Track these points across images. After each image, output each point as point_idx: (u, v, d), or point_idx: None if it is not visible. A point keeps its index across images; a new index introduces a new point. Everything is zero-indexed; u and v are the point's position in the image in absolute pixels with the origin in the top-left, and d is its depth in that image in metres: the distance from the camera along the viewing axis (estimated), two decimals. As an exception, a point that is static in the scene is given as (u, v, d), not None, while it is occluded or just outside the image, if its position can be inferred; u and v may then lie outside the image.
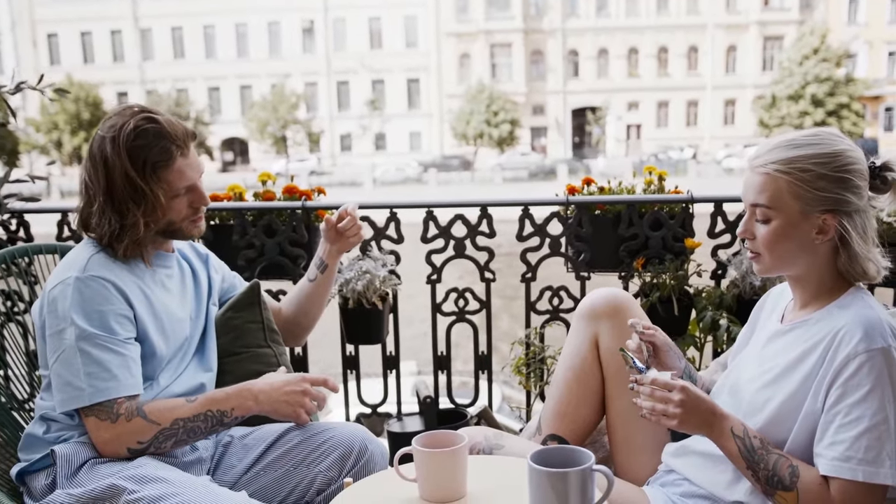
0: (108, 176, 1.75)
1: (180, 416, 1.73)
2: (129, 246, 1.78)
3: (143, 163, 1.75)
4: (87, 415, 1.68)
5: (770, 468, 1.48)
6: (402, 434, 2.75)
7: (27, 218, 3.04)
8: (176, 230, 1.87)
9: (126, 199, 1.75)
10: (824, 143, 1.52)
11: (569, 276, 2.94)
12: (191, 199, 1.86)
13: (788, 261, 1.57)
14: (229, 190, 2.98)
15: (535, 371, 2.86)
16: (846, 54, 40.90)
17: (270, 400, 1.80)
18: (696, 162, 39.55)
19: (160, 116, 1.79)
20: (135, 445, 1.69)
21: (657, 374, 1.56)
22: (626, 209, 2.83)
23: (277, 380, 1.84)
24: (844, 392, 1.43)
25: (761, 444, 1.50)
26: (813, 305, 1.59)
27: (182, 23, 47.61)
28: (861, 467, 1.40)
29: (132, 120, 1.76)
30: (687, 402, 1.50)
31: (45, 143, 39.92)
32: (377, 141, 48.70)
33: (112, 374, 1.68)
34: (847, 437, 1.42)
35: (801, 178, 1.50)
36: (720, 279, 2.84)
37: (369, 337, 2.84)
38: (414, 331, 5.09)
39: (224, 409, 1.77)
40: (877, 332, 1.44)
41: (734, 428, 1.52)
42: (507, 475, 1.60)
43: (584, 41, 47.58)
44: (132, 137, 1.74)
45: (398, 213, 2.90)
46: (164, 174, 1.78)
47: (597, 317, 1.93)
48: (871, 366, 1.41)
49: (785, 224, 1.53)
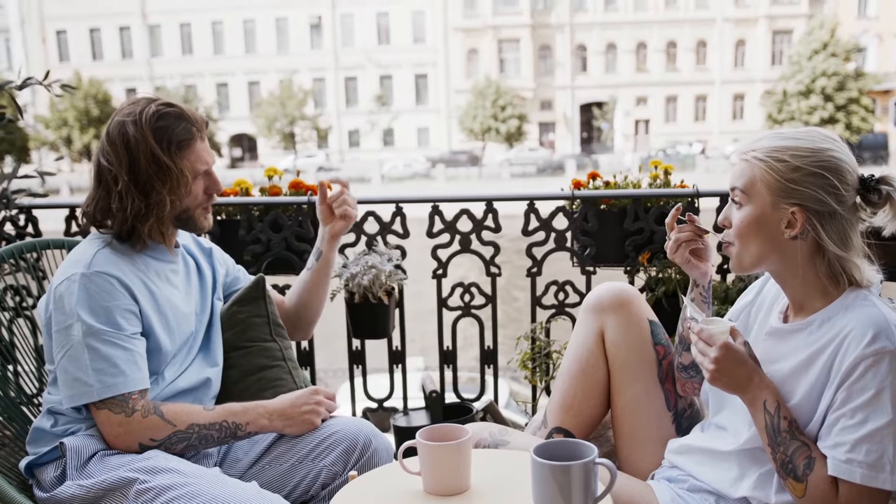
0: (132, 156, 1.77)
1: (197, 422, 1.76)
2: (153, 225, 1.81)
3: (168, 141, 1.79)
4: (98, 408, 1.70)
5: (788, 454, 1.47)
6: (407, 428, 2.75)
7: (36, 213, 3.06)
8: (189, 218, 1.90)
9: (151, 178, 1.78)
10: (810, 139, 1.51)
11: (574, 271, 2.94)
12: (207, 183, 1.90)
13: (759, 255, 1.57)
14: (236, 185, 2.99)
15: (540, 366, 2.86)
16: (856, 48, 40.63)
17: (284, 417, 1.86)
18: (704, 157, 39.43)
19: (177, 103, 1.86)
20: (147, 442, 1.72)
21: (707, 326, 1.55)
22: (632, 204, 2.83)
23: (289, 398, 1.89)
24: (850, 394, 1.42)
25: (788, 427, 1.48)
26: (810, 307, 1.57)
27: (190, 19, 47.68)
28: (860, 470, 1.40)
29: (152, 105, 1.81)
30: (722, 361, 1.50)
31: (55, 139, 40.04)
32: (385, 136, 48.70)
33: (119, 370, 1.70)
34: (849, 440, 1.41)
35: (775, 167, 1.50)
36: (726, 273, 2.84)
37: (375, 332, 2.84)
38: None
39: (240, 422, 1.81)
40: (884, 334, 1.42)
41: (767, 402, 1.50)
42: (511, 468, 1.60)
43: (591, 36, 47.45)
44: (155, 119, 1.79)
45: (404, 207, 2.90)
46: (187, 153, 1.83)
47: (603, 310, 1.93)
48: (878, 369, 1.40)
49: (756, 212, 1.54)
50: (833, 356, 1.47)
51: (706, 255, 1.84)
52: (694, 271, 1.84)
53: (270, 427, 1.85)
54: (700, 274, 1.84)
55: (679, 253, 1.82)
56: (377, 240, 2.89)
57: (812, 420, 1.49)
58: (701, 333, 1.53)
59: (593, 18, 47.29)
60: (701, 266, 1.84)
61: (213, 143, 41.69)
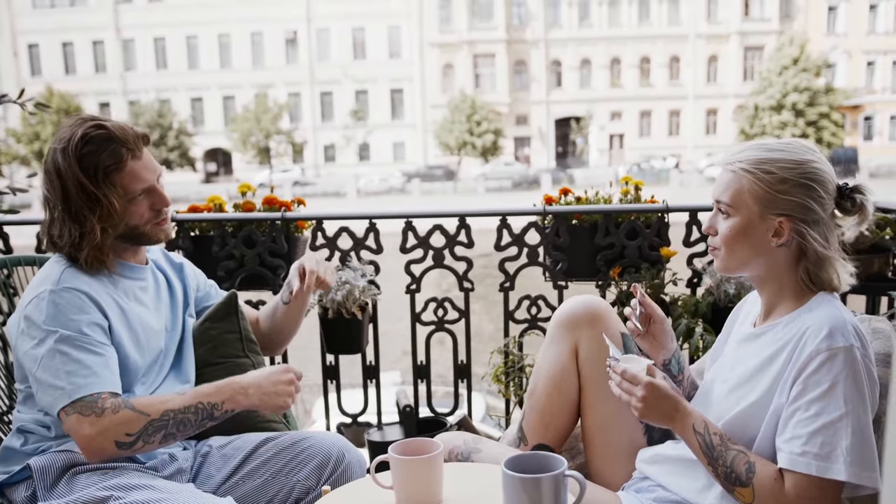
0: (63, 185, 1.76)
1: (170, 408, 1.70)
2: (89, 254, 1.78)
3: (95, 169, 1.76)
4: (68, 414, 1.65)
5: (728, 464, 1.52)
6: (381, 443, 2.76)
7: (6, 230, 3.04)
8: (140, 234, 1.87)
9: (81, 207, 1.76)
10: (794, 151, 1.57)
11: (546, 286, 2.97)
12: (150, 201, 1.86)
13: (745, 260, 1.62)
14: (209, 201, 2.99)
15: (514, 380, 2.88)
16: (825, 64, 41.30)
17: (260, 392, 1.79)
18: (678, 171, 39.76)
19: (109, 122, 1.81)
20: (123, 438, 1.65)
21: (628, 365, 1.61)
22: (603, 219, 2.87)
23: (262, 373, 1.83)
24: (805, 388, 1.47)
25: (720, 441, 1.54)
26: (780, 310, 1.63)
27: (164, 33, 47.43)
28: (815, 462, 1.43)
29: (80, 129, 1.78)
30: (649, 398, 1.57)
31: (27, 153, 39.60)
32: (361, 151, 48.65)
33: (92, 371, 1.67)
34: (804, 433, 1.45)
35: (763, 179, 1.55)
36: (696, 287, 2.88)
37: (349, 347, 2.85)
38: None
39: (215, 401, 1.75)
40: (839, 332, 1.47)
41: (695, 424, 1.57)
42: (483, 482, 1.61)
43: (566, 51, 47.79)
44: (81, 145, 1.76)
45: (377, 223, 2.92)
46: (117, 178, 1.79)
47: (576, 326, 1.94)
48: (832, 363, 1.45)
49: (743, 222, 1.59)
50: (792, 352, 1.52)
51: (661, 338, 1.85)
52: (658, 351, 1.86)
53: (247, 403, 1.78)
54: (665, 350, 1.85)
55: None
56: (350, 255, 2.90)
57: (768, 413, 1.54)
58: (625, 374, 1.60)
59: (568, 34, 47.65)
60: (662, 344, 1.85)
61: (187, 157, 41.53)
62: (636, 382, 1.58)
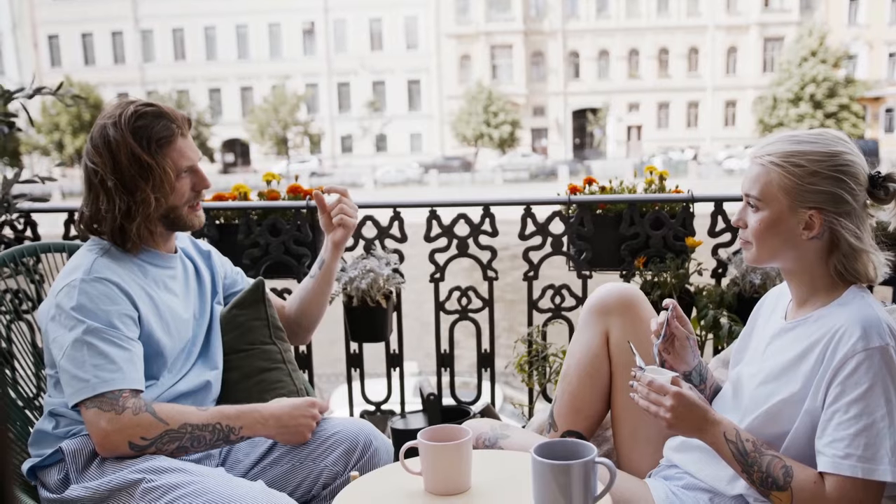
0: (114, 157, 1.79)
1: (190, 422, 1.73)
2: (141, 224, 1.81)
3: (148, 140, 1.80)
4: (88, 407, 1.67)
5: (764, 469, 1.50)
6: (405, 431, 2.76)
7: (34, 217, 3.07)
8: (177, 217, 1.89)
9: (134, 177, 1.79)
10: (825, 143, 1.55)
11: (570, 275, 2.96)
12: (193, 180, 1.90)
13: (776, 252, 1.60)
14: (234, 190, 3.01)
15: (537, 369, 2.88)
16: (846, 55, 40.86)
17: (279, 425, 1.83)
18: (696, 163, 39.52)
19: (157, 103, 1.86)
20: (137, 441, 1.68)
21: (654, 376, 1.58)
22: (628, 208, 2.86)
23: (286, 405, 1.86)
24: (843, 390, 1.45)
25: (754, 447, 1.53)
26: (812, 303, 1.61)
27: (183, 24, 47.59)
28: (860, 464, 1.42)
29: (131, 106, 1.82)
30: (678, 408, 1.53)
31: (46, 143, 39.92)
32: (378, 142, 48.67)
33: (118, 366, 1.69)
34: (846, 435, 1.44)
35: (793, 172, 1.53)
36: (721, 278, 2.86)
37: (373, 335, 2.86)
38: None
39: (233, 426, 1.78)
40: (874, 331, 1.45)
41: (727, 433, 1.55)
42: (511, 468, 1.62)
43: (584, 42, 47.55)
44: (133, 119, 1.80)
45: (401, 212, 2.92)
46: (168, 150, 1.83)
47: (608, 312, 1.94)
48: (870, 364, 1.43)
49: (773, 216, 1.57)
50: (825, 350, 1.50)
51: (683, 353, 1.81)
52: (679, 364, 1.83)
53: (265, 433, 1.83)
54: (685, 364, 1.82)
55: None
56: (375, 244, 2.90)
57: (801, 412, 1.52)
58: (651, 385, 1.56)
59: (586, 25, 47.40)
60: (682, 359, 1.82)
61: (205, 148, 41.64)
62: (663, 392, 1.55)
